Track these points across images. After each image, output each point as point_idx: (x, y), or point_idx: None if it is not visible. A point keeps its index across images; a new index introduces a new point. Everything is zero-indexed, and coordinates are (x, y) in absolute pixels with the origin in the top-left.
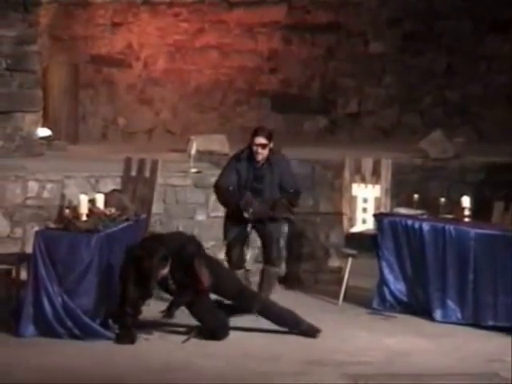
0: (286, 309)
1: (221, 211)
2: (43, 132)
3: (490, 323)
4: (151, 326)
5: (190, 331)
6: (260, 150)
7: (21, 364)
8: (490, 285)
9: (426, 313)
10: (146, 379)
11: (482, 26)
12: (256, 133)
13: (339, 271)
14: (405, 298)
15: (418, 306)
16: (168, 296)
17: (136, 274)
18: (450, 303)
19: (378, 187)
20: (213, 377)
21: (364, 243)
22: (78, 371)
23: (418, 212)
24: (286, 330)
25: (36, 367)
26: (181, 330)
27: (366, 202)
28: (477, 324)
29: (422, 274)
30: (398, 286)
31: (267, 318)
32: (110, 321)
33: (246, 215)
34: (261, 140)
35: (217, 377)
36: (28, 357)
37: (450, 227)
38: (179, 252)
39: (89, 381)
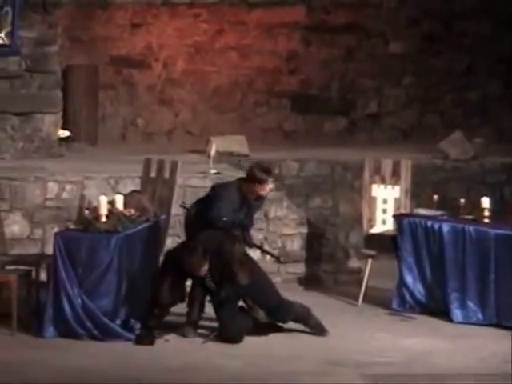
0: (303, 306)
1: None
2: (63, 134)
3: None
4: (171, 326)
5: (209, 332)
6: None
7: (41, 364)
8: None
9: (445, 314)
10: (166, 379)
11: (502, 26)
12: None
13: (359, 272)
14: (424, 299)
15: (438, 307)
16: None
17: (173, 277)
18: (471, 304)
19: (397, 188)
20: (232, 377)
21: (384, 244)
22: (97, 372)
23: (438, 213)
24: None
25: (56, 368)
26: (200, 330)
27: (385, 203)
28: (500, 324)
29: (442, 275)
30: (417, 287)
31: (297, 321)
32: (132, 321)
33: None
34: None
35: (236, 377)
36: (48, 357)
37: (470, 228)
38: (217, 250)
39: (108, 381)
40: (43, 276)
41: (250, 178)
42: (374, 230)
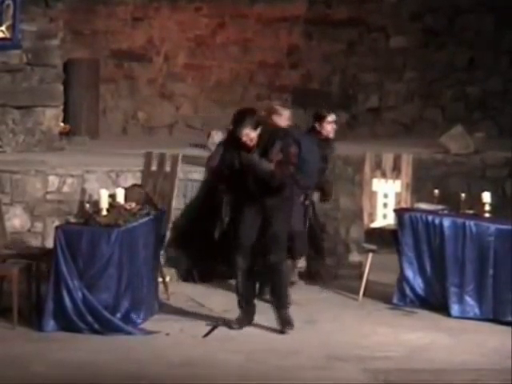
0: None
1: None
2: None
3: (510, 319)
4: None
5: (211, 325)
6: None
7: (41, 358)
8: (510, 280)
9: (445, 308)
10: (167, 373)
11: (504, 21)
12: None
13: (359, 266)
14: (424, 294)
15: (438, 302)
16: None
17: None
18: (468, 299)
19: (398, 182)
20: (233, 371)
21: (384, 238)
22: (98, 366)
23: (439, 207)
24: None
25: (56, 361)
26: (202, 324)
27: (386, 198)
28: (496, 320)
29: (442, 270)
30: (418, 282)
31: (271, 279)
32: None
33: None
34: None
35: (237, 371)
36: (48, 351)
37: (471, 223)
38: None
39: (109, 375)
40: (44, 269)
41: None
42: (374, 225)
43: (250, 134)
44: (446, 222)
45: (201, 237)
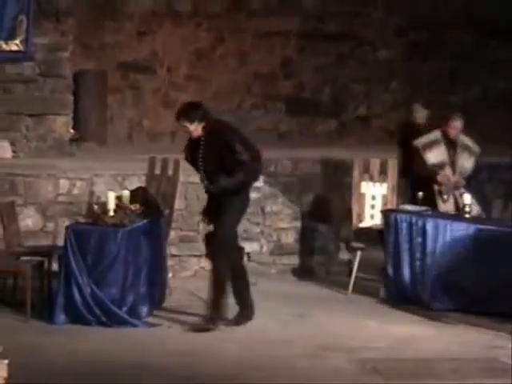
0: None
1: None
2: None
3: (494, 311)
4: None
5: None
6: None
7: (53, 348)
8: (492, 276)
9: (430, 303)
10: (169, 362)
11: (484, 34)
12: None
13: (349, 263)
14: (409, 289)
15: (421, 296)
16: None
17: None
18: (454, 294)
19: (385, 185)
20: (230, 360)
21: (372, 237)
22: (105, 355)
23: (422, 209)
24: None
25: (68, 351)
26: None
27: (374, 199)
28: (482, 312)
29: (425, 267)
30: (403, 278)
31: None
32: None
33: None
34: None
35: (234, 360)
36: (60, 342)
37: (452, 223)
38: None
39: (116, 364)
40: (55, 266)
41: None
42: (363, 225)
43: (186, 127)
44: (429, 222)
45: None
